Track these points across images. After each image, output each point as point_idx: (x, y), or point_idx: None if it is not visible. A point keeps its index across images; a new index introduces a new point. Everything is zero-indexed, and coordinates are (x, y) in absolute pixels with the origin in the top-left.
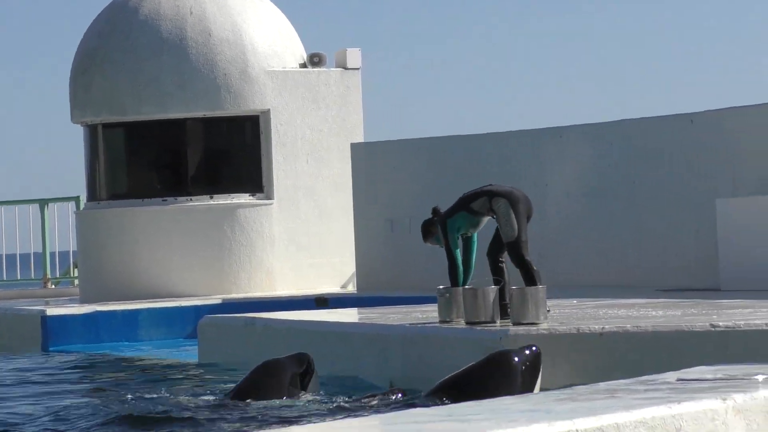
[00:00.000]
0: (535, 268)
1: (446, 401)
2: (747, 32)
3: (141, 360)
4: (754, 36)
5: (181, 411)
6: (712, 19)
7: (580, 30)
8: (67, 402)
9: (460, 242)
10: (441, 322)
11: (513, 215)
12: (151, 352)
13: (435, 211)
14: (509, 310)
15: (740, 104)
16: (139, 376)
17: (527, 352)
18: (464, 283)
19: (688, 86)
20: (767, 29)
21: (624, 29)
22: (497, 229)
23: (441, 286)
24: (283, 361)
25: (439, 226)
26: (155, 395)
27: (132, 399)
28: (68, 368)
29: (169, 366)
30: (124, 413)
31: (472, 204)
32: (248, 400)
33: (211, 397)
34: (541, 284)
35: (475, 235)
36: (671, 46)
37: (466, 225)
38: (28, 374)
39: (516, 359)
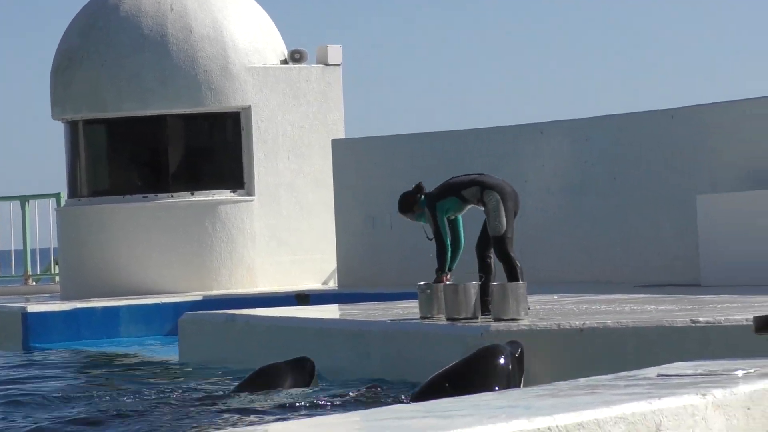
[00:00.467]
0: (518, 264)
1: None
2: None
3: (121, 357)
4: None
5: (161, 407)
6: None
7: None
8: (46, 400)
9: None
10: (422, 318)
11: (503, 210)
12: (131, 348)
13: (420, 188)
14: (490, 306)
15: (720, 100)
16: (119, 373)
17: (513, 346)
18: (456, 261)
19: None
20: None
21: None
22: (485, 223)
23: (422, 282)
24: (283, 368)
25: (426, 207)
26: (135, 392)
27: (111, 396)
28: (49, 365)
29: (149, 363)
30: (103, 411)
31: (464, 192)
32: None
33: (193, 394)
34: (523, 280)
35: (460, 216)
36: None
37: (454, 209)
38: (8, 372)
39: (505, 353)
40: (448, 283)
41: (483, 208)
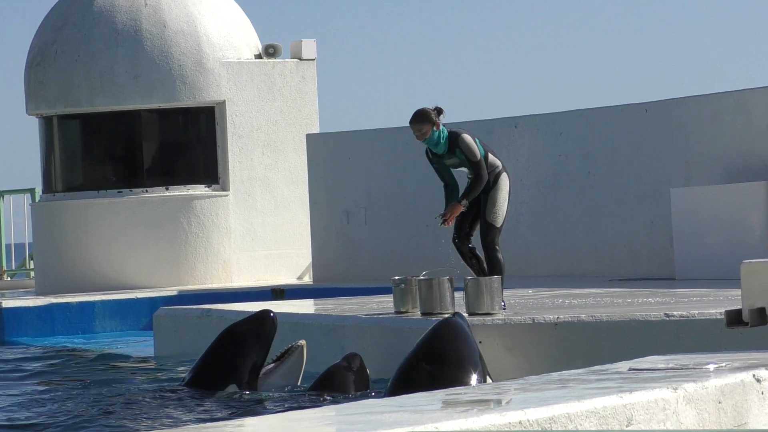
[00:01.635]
0: (503, 260)
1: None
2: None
3: (96, 352)
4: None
5: (134, 402)
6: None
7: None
8: (21, 395)
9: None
10: (397, 312)
11: (508, 201)
12: (106, 343)
13: (441, 110)
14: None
15: (694, 94)
16: (94, 368)
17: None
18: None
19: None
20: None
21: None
22: (463, 215)
23: (396, 277)
24: (245, 326)
25: (460, 138)
26: (110, 387)
27: (86, 391)
28: (23, 360)
29: (124, 357)
30: (78, 406)
31: (491, 154)
32: (203, 391)
33: (167, 389)
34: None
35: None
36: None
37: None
38: None
39: (462, 322)
40: (422, 278)
41: (490, 191)
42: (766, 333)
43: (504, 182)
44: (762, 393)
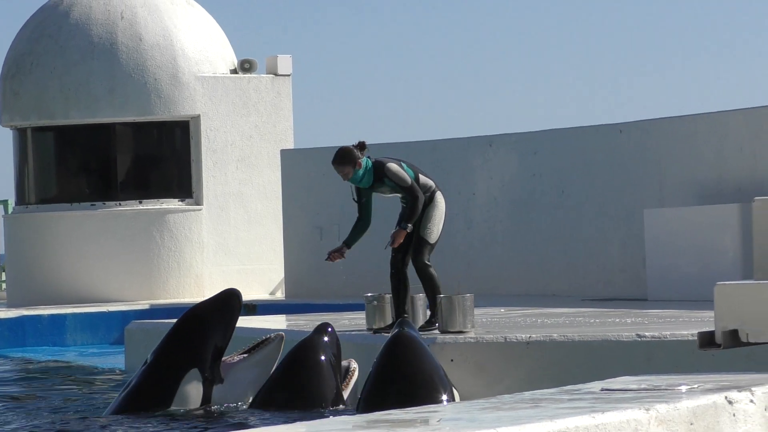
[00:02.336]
0: (435, 273)
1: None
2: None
3: (67, 365)
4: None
5: (104, 416)
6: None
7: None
8: None
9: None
10: (369, 329)
11: (443, 220)
12: (77, 357)
13: (364, 145)
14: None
15: (668, 115)
16: (63, 381)
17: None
18: (359, 238)
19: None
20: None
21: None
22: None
23: (369, 294)
24: (207, 305)
25: (385, 168)
26: (78, 401)
27: (57, 405)
28: None
29: (95, 371)
30: (48, 420)
31: (421, 175)
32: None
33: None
34: (438, 292)
35: (372, 198)
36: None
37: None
38: None
39: (415, 334)
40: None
41: (426, 209)
42: (738, 355)
43: (439, 200)
44: (734, 415)
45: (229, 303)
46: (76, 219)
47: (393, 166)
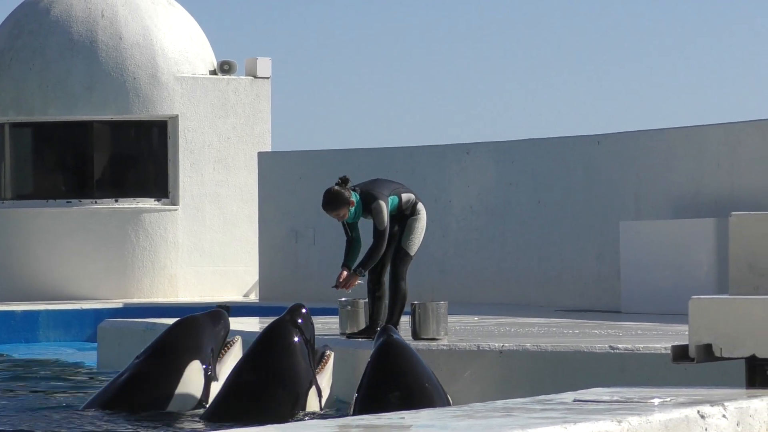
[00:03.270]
0: (406, 292)
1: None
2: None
3: (39, 362)
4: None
5: (75, 415)
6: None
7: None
8: None
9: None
10: (342, 333)
11: (423, 232)
12: (49, 354)
13: (347, 180)
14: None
15: (646, 128)
16: (35, 378)
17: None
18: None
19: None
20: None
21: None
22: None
23: (343, 299)
24: (200, 321)
25: (374, 204)
26: (49, 399)
27: (21, 402)
28: None
29: (67, 368)
30: (18, 419)
31: (404, 195)
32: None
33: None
34: (403, 308)
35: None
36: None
37: (392, 208)
38: None
39: (403, 341)
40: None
41: (408, 221)
42: (711, 369)
43: (422, 211)
44: (706, 429)
45: (221, 317)
46: (51, 216)
47: (380, 205)
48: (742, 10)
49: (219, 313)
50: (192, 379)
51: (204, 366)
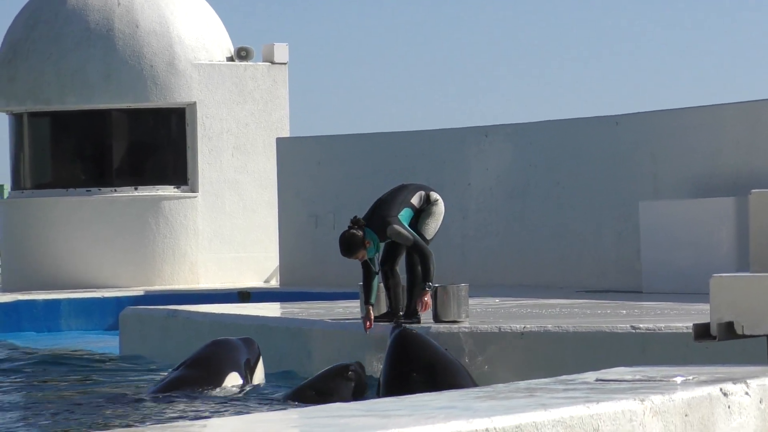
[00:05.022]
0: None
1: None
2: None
3: (61, 350)
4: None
5: (97, 401)
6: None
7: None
8: None
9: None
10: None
11: (441, 217)
12: (72, 342)
13: (358, 221)
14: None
15: (665, 108)
16: (58, 366)
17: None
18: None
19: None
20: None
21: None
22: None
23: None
24: (236, 343)
25: (389, 229)
26: (72, 386)
27: (46, 390)
28: None
29: (89, 357)
30: (42, 407)
31: (412, 199)
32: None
33: (130, 388)
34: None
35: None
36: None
37: (407, 221)
38: None
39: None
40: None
41: (424, 210)
42: (733, 347)
43: (438, 199)
44: (729, 407)
45: (253, 343)
46: (71, 205)
47: (394, 228)
48: None
49: (252, 341)
50: (228, 389)
51: (241, 376)
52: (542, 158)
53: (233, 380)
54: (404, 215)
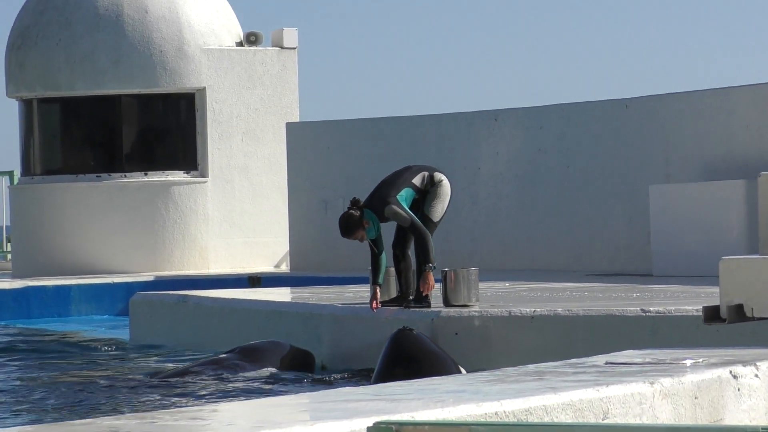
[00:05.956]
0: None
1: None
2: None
3: (72, 336)
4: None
5: (109, 387)
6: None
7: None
8: None
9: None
10: None
11: (448, 198)
12: (82, 328)
13: (357, 202)
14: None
15: (675, 91)
16: (68, 352)
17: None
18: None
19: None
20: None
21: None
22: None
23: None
24: (286, 345)
25: (386, 209)
26: (82, 372)
27: (56, 376)
28: None
29: (100, 342)
30: (52, 391)
31: (414, 180)
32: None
33: (142, 374)
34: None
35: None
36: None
37: (408, 201)
38: None
39: (417, 333)
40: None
41: (429, 191)
42: (742, 330)
43: (443, 180)
44: (738, 389)
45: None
46: (81, 190)
47: (392, 208)
48: None
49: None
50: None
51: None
52: (552, 142)
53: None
54: (404, 195)
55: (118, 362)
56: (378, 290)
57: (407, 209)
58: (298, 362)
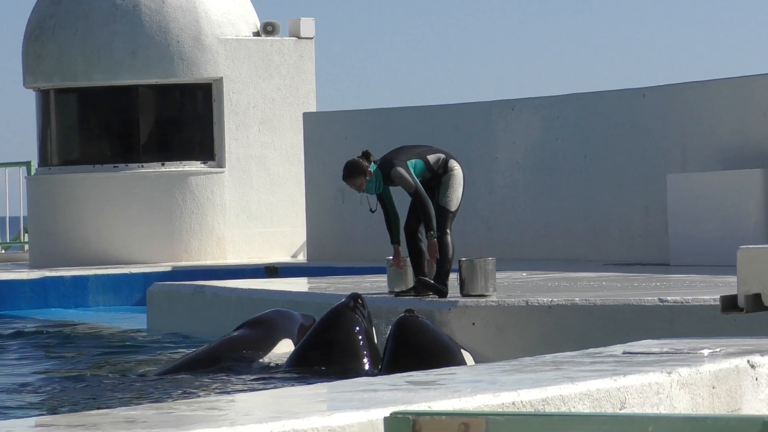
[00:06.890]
0: (452, 244)
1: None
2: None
3: (89, 326)
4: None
5: (126, 377)
6: None
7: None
8: (15, 367)
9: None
10: (390, 292)
11: (462, 186)
12: (99, 318)
13: (368, 154)
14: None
15: (692, 79)
16: (85, 342)
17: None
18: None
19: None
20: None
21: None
22: (413, 204)
23: (390, 257)
24: (295, 314)
25: (393, 171)
26: (100, 362)
27: (75, 366)
28: (17, 334)
29: (117, 332)
30: (68, 383)
31: (430, 157)
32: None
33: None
34: (451, 260)
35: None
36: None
37: (416, 172)
38: None
39: (421, 318)
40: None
41: (442, 179)
42: (760, 319)
43: (455, 167)
44: (756, 379)
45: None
46: (98, 181)
47: (398, 170)
48: None
49: (310, 316)
50: (280, 353)
51: (294, 342)
52: (569, 131)
53: (285, 347)
54: (414, 164)
55: (136, 352)
56: (398, 249)
57: (414, 176)
58: (308, 328)
